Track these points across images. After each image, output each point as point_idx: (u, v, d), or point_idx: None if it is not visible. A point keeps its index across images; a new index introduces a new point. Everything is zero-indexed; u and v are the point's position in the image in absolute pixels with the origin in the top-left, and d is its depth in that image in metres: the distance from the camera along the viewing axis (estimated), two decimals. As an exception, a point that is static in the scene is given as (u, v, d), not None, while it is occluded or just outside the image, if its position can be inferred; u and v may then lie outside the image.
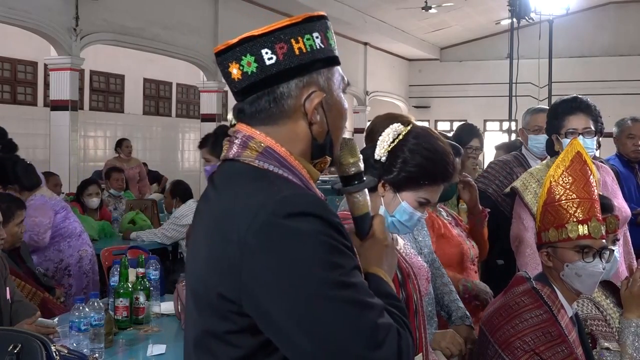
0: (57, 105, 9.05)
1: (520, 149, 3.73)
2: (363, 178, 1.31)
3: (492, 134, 17.01)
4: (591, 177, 2.27)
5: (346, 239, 1.14)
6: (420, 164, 1.72)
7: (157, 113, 13.49)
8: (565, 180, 2.25)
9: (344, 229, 1.15)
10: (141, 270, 3.15)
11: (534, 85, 10.54)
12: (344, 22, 13.45)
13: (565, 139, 2.89)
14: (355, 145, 1.32)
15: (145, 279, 3.16)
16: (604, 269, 2.18)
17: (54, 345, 2.12)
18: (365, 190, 1.32)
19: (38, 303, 3.35)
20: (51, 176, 6.09)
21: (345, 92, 1.30)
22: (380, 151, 1.74)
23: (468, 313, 2.53)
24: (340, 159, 1.29)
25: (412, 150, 1.74)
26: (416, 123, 1.96)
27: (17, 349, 2.03)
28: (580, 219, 2.18)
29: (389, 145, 1.74)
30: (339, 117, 1.27)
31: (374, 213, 1.36)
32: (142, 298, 3.04)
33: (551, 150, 3.07)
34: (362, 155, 1.34)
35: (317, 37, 1.22)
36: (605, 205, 2.37)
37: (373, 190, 1.68)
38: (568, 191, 2.23)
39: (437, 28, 16.61)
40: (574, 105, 2.98)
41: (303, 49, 1.20)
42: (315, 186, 1.25)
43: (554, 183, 2.26)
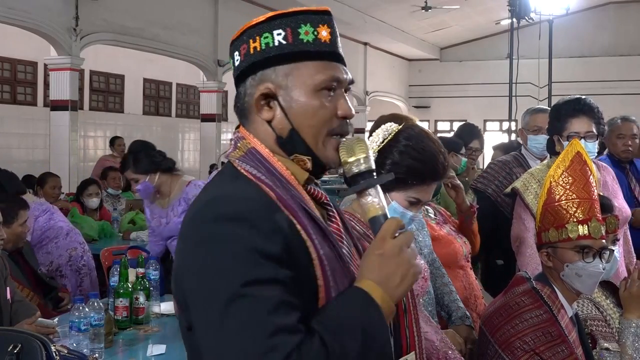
0: (57, 105, 9.06)
1: (520, 149, 3.72)
2: (372, 176, 1.22)
3: (492, 134, 17.01)
4: (591, 177, 2.27)
5: (276, 245, 1.09)
6: (409, 166, 1.71)
7: (157, 113, 13.50)
8: (565, 180, 2.25)
9: (280, 235, 1.10)
10: (141, 270, 3.15)
11: (534, 85, 10.55)
12: (344, 22, 13.44)
13: (567, 142, 2.89)
14: (355, 144, 1.24)
15: (145, 279, 3.16)
16: (604, 269, 2.19)
17: (54, 346, 2.12)
18: (376, 190, 1.22)
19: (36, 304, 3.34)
20: (51, 177, 6.08)
21: (331, 88, 1.24)
22: (370, 152, 1.74)
23: (468, 313, 2.53)
24: (341, 160, 1.25)
25: (402, 152, 1.74)
26: (419, 124, 1.96)
27: (17, 349, 2.03)
28: (580, 219, 2.18)
29: (378, 146, 1.74)
30: (306, 114, 1.21)
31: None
32: (142, 298, 3.04)
33: (552, 149, 3.07)
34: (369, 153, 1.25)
35: (280, 33, 1.21)
36: (605, 206, 2.38)
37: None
38: (568, 191, 2.23)
39: (437, 28, 16.61)
40: (577, 108, 2.96)
41: (257, 48, 1.21)
42: (300, 188, 1.22)
43: (554, 183, 2.26)
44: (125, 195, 6.83)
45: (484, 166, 4.61)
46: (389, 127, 1.78)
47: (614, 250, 2.30)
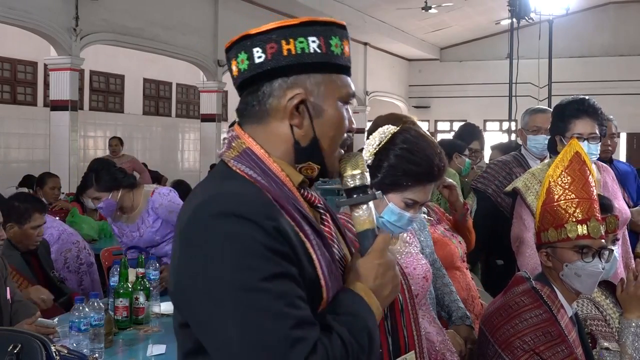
0: (57, 105, 9.06)
1: (520, 150, 3.73)
2: (367, 192, 1.26)
3: (492, 134, 17.00)
4: (590, 177, 2.27)
5: (284, 245, 1.11)
6: (405, 169, 1.73)
7: (157, 113, 13.50)
8: (564, 180, 2.25)
9: (285, 236, 1.11)
10: (141, 270, 3.15)
11: (534, 86, 10.54)
12: (344, 22, 13.43)
13: None
14: (358, 158, 1.28)
15: (145, 279, 3.15)
16: (603, 268, 2.19)
17: (54, 346, 2.12)
18: (368, 205, 1.26)
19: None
20: (51, 177, 6.08)
21: (347, 102, 1.27)
22: (366, 154, 1.75)
23: (468, 313, 2.53)
24: (341, 171, 1.27)
25: (398, 155, 1.75)
26: (417, 123, 1.97)
27: (17, 349, 2.03)
28: (580, 219, 2.18)
29: (375, 148, 1.75)
30: (331, 125, 1.23)
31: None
32: (141, 298, 3.04)
33: (553, 149, 3.07)
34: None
35: (314, 41, 1.21)
36: (604, 205, 2.38)
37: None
38: (567, 191, 2.23)
39: (437, 28, 16.61)
40: (581, 109, 2.95)
41: (292, 51, 1.20)
42: (295, 190, 1.23)
43: (552, 183, 2.26)
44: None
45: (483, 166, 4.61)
46: (386, 130, 1.78)
47: (613, 250, 2.30)
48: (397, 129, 1.80)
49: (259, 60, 1.20)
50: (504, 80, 10.18)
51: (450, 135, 9.82)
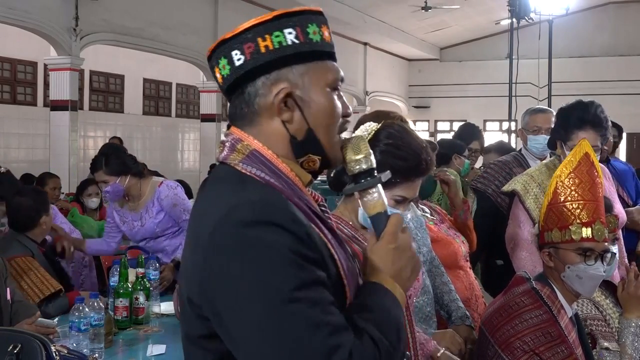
0: (57, 106, 9.05)
1: (520, 149, 3.73)
2: (374, 175, 1.23)
3: (492, 134, 17.00)
4: (597, 179, 2.26)
5: (312, 250, 1.10)
6: (392, 165, 1.69)
7: (156, 113, 13.49)
8: (571, 181, 2.24)
9: (313, 240, 1.11)
10: (141, 270, 3.15)
11: (534, 86, 10.54)
12: (344, 22, 13.44)
13: (569, 152, 2.87)
14: (360, 142, 1.25)
15: (145, 279, 3.15)
16: (604, 272, 2.18)
17: (54, 346, 2.12)
18: (378, 188, 1.23)
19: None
20: (51, 178, 6.07)
21: (336, 88, 1.24)
22: None
23: (468, 313, 2.53)
24: (345, 158, 1.24)
25: (383, 151, 1.72)
26: (406, 119, 1.94)
27: (17, 349, 2.03)
28: (585, 221, 2.17)
29: None
30: (322, 113, 1.21)
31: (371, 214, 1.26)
32: (141, 298, 3.04)
33: (553, 146, 3.06)
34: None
35: (291, 32, 1.18)
36: (605, 205, 2.38)
37: (350, 194, 1.62)
38: (574, 192, 2.22)
39: (437, 28, 16.61)
40: (585, 118, 2.88)
41: (270, 47, 1.18)
42: (305, 190, 1.22)
43: (560, 184, 2.25)
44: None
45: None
46: (368, 127, 1.76)
47: (615, 254, 2.30)
48: (381, 125, 1.77)
49: (239, 62, 1.19)
50: (504, 80, 10.18)
51: (450, 135, 9.81)
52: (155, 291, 3.27)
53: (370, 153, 1.24)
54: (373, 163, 1.24)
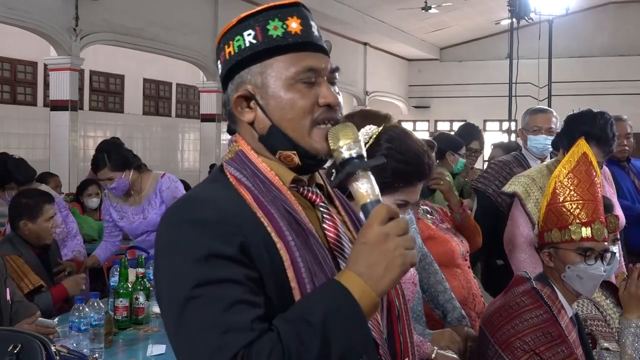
0: (57, 106, 9.06)
1: (520, 149, 3.73)
2: (362, 161, 1.17)
3: (492, 134, 17.01)
4: (596, 178, 2.26)
5: (234, 248, 1.08)
6: (394, 169, 1.67)
7: (157, 113, 13.50)
8: (570, 181, 2.24)
9: (239, 238, 1.09)
10: (141, 270, 3.15)
11: (534, 86, 10.54)
12: (344, 22, 13.45)
13: None
14: (340, 130, 1.18)
15: (145, 279, 3.16)
16: (604, 271, 2.18)
17: (54, 346, 2.12)
18: (365, 175, 1.16)
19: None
20: (51, 177, 6.08)
21: (304, 79, 1.19)
22: None
23: (464, 313, 2.51)
24: (330, 147, 1.20)
25: (385, 155, 1.67)
26: (391, 118, 1.93)
27: (17, 349, 2.04)
28: (584, 221, 2.17)
29: None
30: (285, 107, 1.19)
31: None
32: (141, 298, 3.04)
33: (556, 149, 3.07)
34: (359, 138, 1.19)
35: (250, 34, 1.20)
36: (605, 205, 2.38)
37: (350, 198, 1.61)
38: (573, 192, 2.22)
39: (437, 28, 16.61)
40: (591, 133, 2.85)
41: (232, 52, 1.22)
42: (284, 189, 1.20)
43: (558, 184, 2.25)
44: (125, 195, 6.83)
45: (483, 166, 4.62)
46: (369, 131, 1.74)
47: (615, 253, 2.30)
48: (380, 128, 1.76)
49: (219, 72, 1.26)
50: (504, 80, 10.18)
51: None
52: (155, 291, 3.27)
53: (358, 140, 1.19)
54: (361, 149, 1.18)
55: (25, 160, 4.55)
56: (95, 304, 2.62)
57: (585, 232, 2.16)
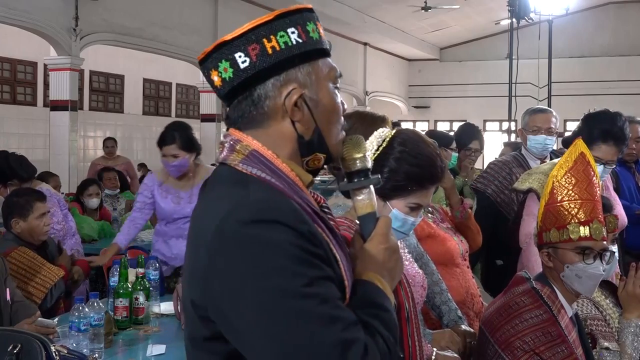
0: (57, 106, 9.06)
1: (520, 149, 3.73)
2: (369, 175, 1.26)
3: (492, 134, 17.01)
4: (594, 178, 2.26)
5: (319, 247, 1.10)
6: (407, 172, 1.68)
7: (156, 113, 13.50)
8: (568, 181, 2.24)
9: (317, 238, 1.10)
10: (141, 270, 3.15)
11: (534, 86, 10.54)
12: (344, 22, 13.45)
13: None
14: (361, 141, 1.26)
15: (145, 279, 3.15)
16: (604, 270, 2.18)
17: (54, 346, 2.12)
18: (370, 189, 1.26)
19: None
20: (50, 177, 6.08)
21: (336, 84, 1.24)
22: None
23: (461, 314, 2.50)
24: (344, 155, 1.25)
25: (398, 159, 1.70)
26: (388, 120, 1.93)
27: (17, 349, 2.03)
28: (582, 220, 2.17)
29: (374, 154, 1.70)
30: (329, 111, 1.22)
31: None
32: (141, 298, 3.03)
33: (567, 147, 3.08)
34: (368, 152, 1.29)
35: (293, 32, 1.18)
36: (604, 205, 2.37)
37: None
38: (570, 192, 2.22)
39: (437, 28, 16.62)
40: (611, 133, 2.90)
41: (277, 47, 1.17)
42: (306, 190, 1.21)
43: (556, 184, 2.25)
44: (125, 195, 6.84)
45: (483, 166, 4.61)
46: (382, 134, 1.74)
47: (614, 252, 2.30)
48: (394, 131, 1.77)
49: (244, 64, 1.17)
50: (504, 80, 10.18)
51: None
52: (155, 291, 3.27)
53: (368, 154, 1.27)
54: (369, 163, 1.27)
55: (26, 157, 4.57)
56: (95, 304, 2.62)
57: (584, 231, 2.16)
